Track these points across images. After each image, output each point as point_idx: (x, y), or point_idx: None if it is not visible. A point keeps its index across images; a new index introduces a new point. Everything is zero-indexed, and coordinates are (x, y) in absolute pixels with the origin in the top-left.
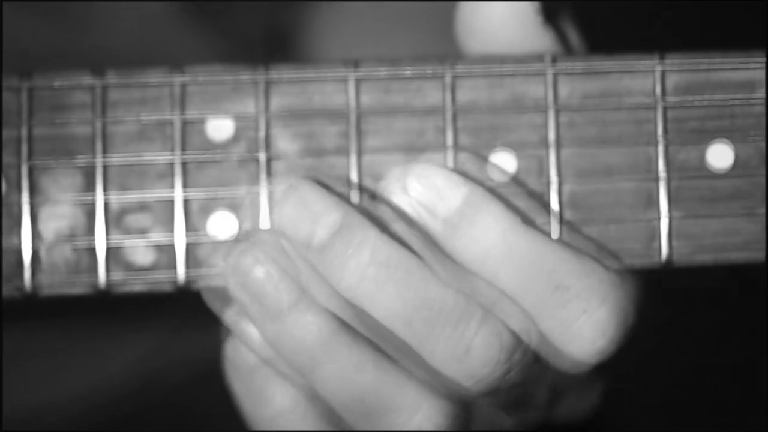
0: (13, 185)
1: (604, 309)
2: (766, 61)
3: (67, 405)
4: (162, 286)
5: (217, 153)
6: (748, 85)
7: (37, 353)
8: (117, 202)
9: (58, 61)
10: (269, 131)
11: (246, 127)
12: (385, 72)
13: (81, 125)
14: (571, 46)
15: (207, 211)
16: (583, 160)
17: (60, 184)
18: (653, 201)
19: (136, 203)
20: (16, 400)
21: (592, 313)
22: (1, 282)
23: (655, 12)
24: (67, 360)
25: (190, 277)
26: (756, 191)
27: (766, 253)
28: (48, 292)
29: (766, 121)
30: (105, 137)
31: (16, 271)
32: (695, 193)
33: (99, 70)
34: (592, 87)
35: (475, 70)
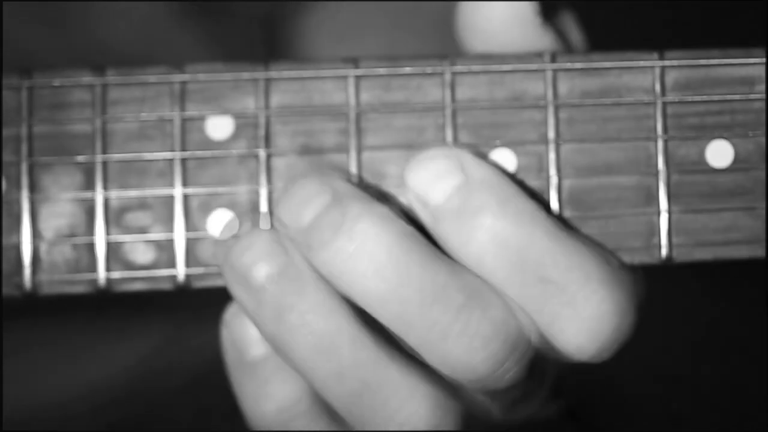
0: (13, 183)
1: (591, 304)
2: (766, 57)
3: (67, 405)
4: (162, 284)
5: (217, 151)
6: (748, 81)
7: (36, 353)
8: (117, 200)
9: (58, 59)
10: (269, 129)
11: (246, 125)
12: (384, 70)
13: (81, 123)
14: (572, 45)
15: (207, 209)
16: (582, 157)
17: (60, 183)
18: (653, 197)
19: (136, 201)
20: (16, 399)
21: (578, 308)
22: (1, 281)
23: (654, 9)
24: (67, 360)
25: (190, 276)
26: (756, 187)
27: (766, 249)
28: (48, 291)
29: (766, 118)
30: (105, 135)
31: (16, 269)
32: (695, 189)
33: (99, 69)
34: (592, 84)
35: (474, 67)
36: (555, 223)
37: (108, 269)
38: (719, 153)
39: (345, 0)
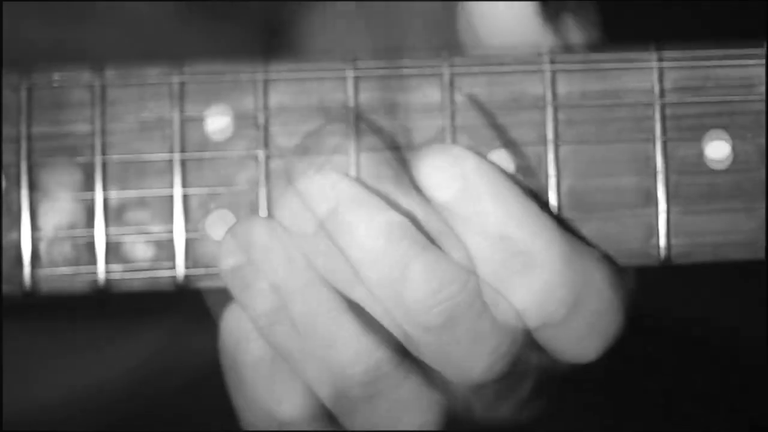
0: (12, 182)
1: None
2: (765, 57)
3: (67, 405)
4: (161, 283)
5: (216, 150)
6: (747, 81)
7: (36, 354)
8: (116, 198)
9: (57, 58)
10: (268, 128)
11: (245, 124)
12: (383, 69)
13: (80, 122)
14: (574, 45)
15: (206, 207)
16: (581, 158)
17: (59, 181)
18: (652, 198)
19: (135, 200)
20: (16, 400)
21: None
22: (1, 279)
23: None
24: (67, 361)
25: (189, 274)
26: (755, 188)
27: (766, 250)
28: (47, 289)
29: (766, 118)
30: (104, 134)
31: (16, 267)
32: (694, 190)
33: (98, 68)
34: (591, 84)
35: (473, 67)
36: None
37: (107, 268)
38: (718, 154)
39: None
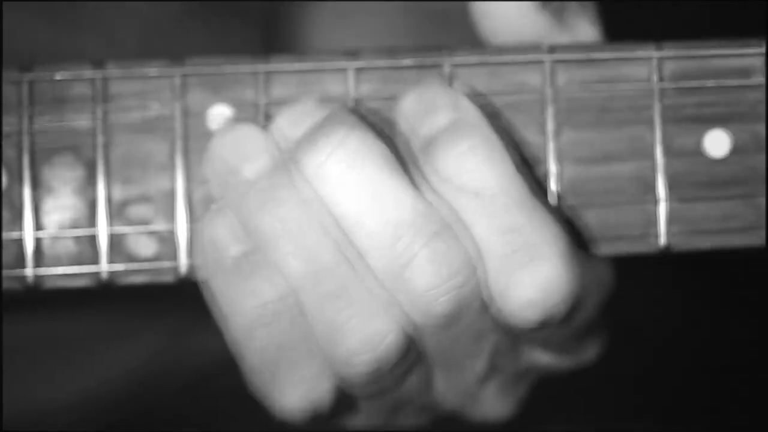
0: (14, 177)
1: (549, 267)
2: (765, 46)
3: (68, 406)
4: (164, 277)
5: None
6: (745, 72)
7: (37, 354)
8: (119, 193)
9: (59, 53)
10: (269, 122)
11: (246, 118)
12: (384, 62)
13: (82, 117)
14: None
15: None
16: (581, 148)
17: (61, 176)
18: (651, 187)
19: (137, 194)
20: (17, 400)
21: (538, 266)
22: (1, 275)
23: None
24: (68, 361)
25: (191, 268)
26: (753, 176)
27: (766, 237)
28: (50, 285)
29: (766, 107)
30: (106, 129)
31: (19, 263)
32: (692, 179)
33: (99, 63)
34: (590, 75)
35: (473, 59)
36: (528, 187)
37: (110, 262)
38: (716, 143)
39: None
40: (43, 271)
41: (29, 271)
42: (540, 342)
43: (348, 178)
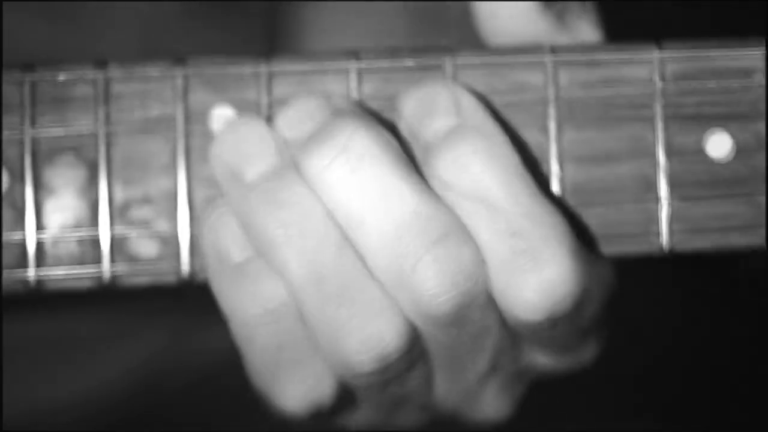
0: (16, 178)
1: (554, 269)
2: (765, 46)
3: (68, 406)
4: (166, 278)
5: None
6: (746, 72)
7: (38, 354)
8: (121, 194)
9: (61, 53)
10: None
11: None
12: (386, 63)
13: (84, 118)
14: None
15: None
16: (582, 147)
17: (63, 177)
18: (652, 187)
19: (139, 195)
20: (17, 400)
21: (541, 269)
22: (1, 276)
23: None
24: (70, 361)
25: (194, 269)
26: (754, 176)
27: (766, 237)
28: (53, 286)
29: (766, 107)
30: (108, 129)
31: (21, 264)
32: (694, 178)
33: (101, 63)
34: (592, 75)
35: (474, 61)
36: (535, 187)
37: (112, 263)
38: (718, 142)
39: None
40: (45, 272)
41: (31, 272)
42: (541, 342)
43: (352, 181)
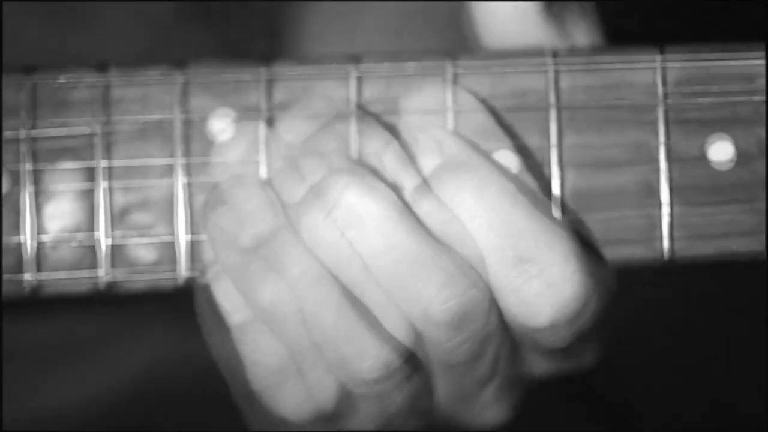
0: (15, 182)
1: (567, 288)
2: (766, 53)
3: (69, 409)
4: (164, 284)
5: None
6: (749, 77)
7: (38, 357)
8: (119, 199)
9: (60, 58)
10: (271, 128)
11: (249, 118)
12: (386, 68)
13: (83, 122)
14: (581, 44)
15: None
16: (584, 153)
17: (62, 182)
18: (654, 193)
19: (138, 201)
20: (17, 403)
21: (554, 291)
22: (1, 280)
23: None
24: (70, 365)
25: (192, 275)
26: (756, 182)
27: (766, 244)
28: (50, 290)
29: (766, 113)
30: (107, 134)
31: (19, 268)
32: (696, 185)
33: (101, 67)
34: (594, 80)
35: (476, 65)
36: (532, 203)
37: (111, 269)
38: (720, 148)
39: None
40: (44, 276)
41: (29, 275)
42: (542, 347)
43: (349, 236)
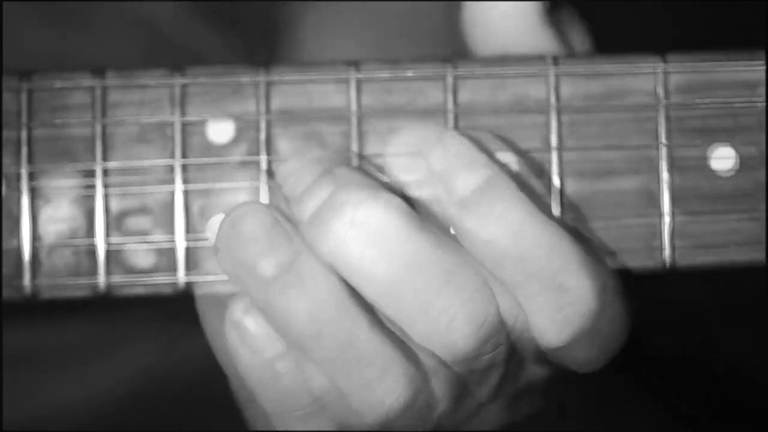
0: (12, 187)
1: (602, 317)
2: (765, 61)
3: (68, 411)
4: (162, 289)
5: (217, 155)
6: (751, 84)
7: (37, 359)
8: (117, 204)
9: (58, 61)
10: (270, 133)
11: (247, 128)
12: (386, 73)
13: (81, 127)
14: (576, 47)
15: (207, 213)
16: (584, 161)
17: (60, 186)
18: (655, 201)
19: (136, 205)
20: (17, 405)
21: (588, 319)
22: (1, 284)
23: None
24: (69, 366)
25: (190, 280)
26: (758, 191)
27: (766, 253)
28: (48, 295)
29: (766, 122)
30: (105, 139)
31: (16, 272)
32: (697, 193)
33: (99, 71)
34: (594, 87)
35: (476, 71)
36: (555, 224)
37: (108, 274)
38: (722, 157)
39: (347, 0)
40: (41, 280)
41: (26, 280)
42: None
43: (370, 254)
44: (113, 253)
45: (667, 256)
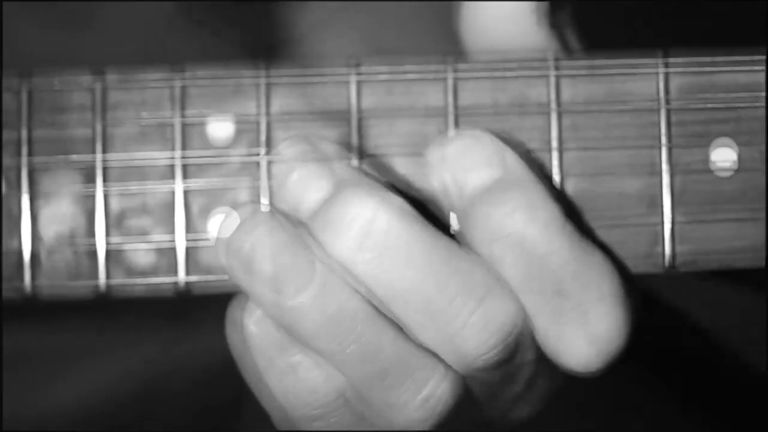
0: (13, 187)
1: (602, 324)
2: (766, 64)
3: (68, 410)
4: (162, 289)
5: (217, 154)
6: (753, 86)
7: (38, 358)
8: (117, 203)
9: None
10: (270, 133)
11: (247, 128)
12: (387, 73)
13: (81, 126)
14: (570, 47)
15: (208, 213)
16: (585, 163)
17: (60, 186)
18: (656, 204)
19: (136, 205)
20: (17, 404)
21: (589, 326)
22: (1, 284)
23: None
24: (69, 365)
25: (190, 280)
26: (760, 194)
27: (766, 257)
28: (48, 295)
29: (766, 124)
30: (105, 138)
31: (16, 272)
32: (699, 196)
33: (99, 71)
34: (596, 89)
35: (477, 72)
36: (577, 235)
37: (108, 274)
38: (723, 159)
39: (347, 1)
40: (41, 281)
41: (26, 281)
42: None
43: (383, 263)
44: (113, 254)
45: (668, 260)
